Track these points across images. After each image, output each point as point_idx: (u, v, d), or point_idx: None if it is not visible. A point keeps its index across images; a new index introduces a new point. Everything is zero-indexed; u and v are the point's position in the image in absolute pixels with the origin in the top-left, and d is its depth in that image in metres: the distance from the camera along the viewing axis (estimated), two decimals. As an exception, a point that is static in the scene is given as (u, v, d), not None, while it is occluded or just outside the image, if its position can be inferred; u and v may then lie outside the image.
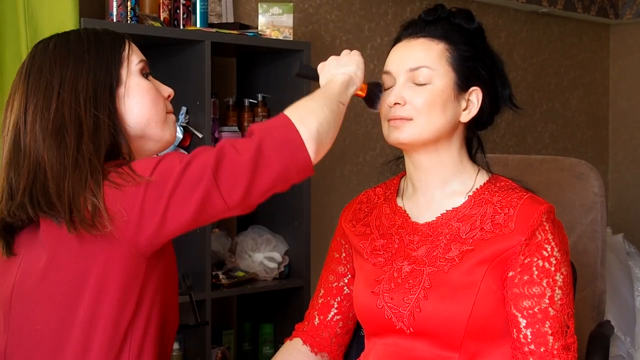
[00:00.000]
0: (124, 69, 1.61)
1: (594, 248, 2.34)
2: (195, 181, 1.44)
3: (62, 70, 1.55)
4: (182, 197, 1.45)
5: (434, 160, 1.73)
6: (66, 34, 1.63)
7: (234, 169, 1.44)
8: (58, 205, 1.47)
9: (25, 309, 1.54)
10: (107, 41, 1.61)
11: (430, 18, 1.74)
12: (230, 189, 1.44)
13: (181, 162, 1.46)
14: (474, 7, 4.36)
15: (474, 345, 1.63)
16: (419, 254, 1.70)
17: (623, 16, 5.24)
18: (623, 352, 3.38)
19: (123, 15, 2.74)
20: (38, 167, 1.51)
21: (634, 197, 5.25)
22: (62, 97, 1.53)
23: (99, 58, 1.58)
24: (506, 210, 1.67)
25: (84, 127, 1.52)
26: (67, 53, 1.57)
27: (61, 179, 1.49)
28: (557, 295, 1.62)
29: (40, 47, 1.61)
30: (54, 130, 1.51)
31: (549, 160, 2.54)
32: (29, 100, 1.54)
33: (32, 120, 1.53)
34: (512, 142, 4.71)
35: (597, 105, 5.30)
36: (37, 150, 1.51)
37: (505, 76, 1.78)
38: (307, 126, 1.47)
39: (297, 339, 1.87)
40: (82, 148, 1.50)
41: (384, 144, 1.61)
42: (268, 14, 3.13)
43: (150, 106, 1.62)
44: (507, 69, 1.81)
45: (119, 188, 1.47)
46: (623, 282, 3.62)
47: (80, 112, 1.53)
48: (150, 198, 1.45)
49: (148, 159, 1.54)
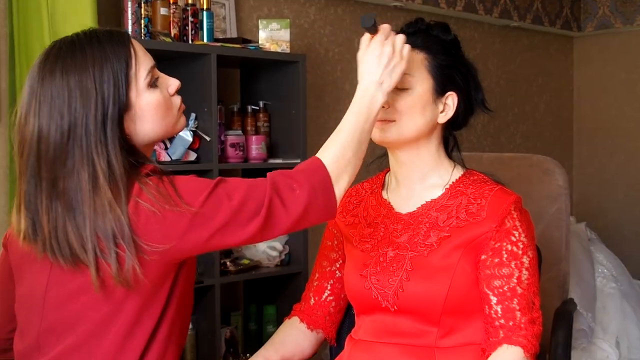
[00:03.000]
0: (133, 90, 1.45)
1: (559, 235, 2.34)
2: (244, 222, 1.39)
3: (70, 106, 1.39)
4: (226, 235, 1.40)
5: (414, 157, 1.73)
6: (71, 52, 1.43)
7: (279, 227, 1.42)
8: (84, 258, 1.38)
9: (60, 307, 1.45)
10: (112, 56, 1.43)
11: (411, 30, 1.74)
12: (269, 236, 1.44)
13: (230, 200, 1.39)
14: (453, 22, 4.36)
15: (450, 321, 1.63)
16: (401, 240, 1.70)
17: (585, 29, 5.25)
18: (585, 326, 3.38)
19: (137, 32, 2.75)
20: (59, 206, 1.39)
21: (595, 190, 5.26)
22: (73, 136, 1.39)
23: (106, 86, 1.41)
24: (479, 200, 1.67)
25: (98, 171, 1.38)
26: (75, 84, 1.40)
27: (83, 227, 1.37)
28: (524, 275, 1.62)
29: (46, 70, 1.42)
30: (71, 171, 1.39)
31: (519, 157, 2.54)
32: (42, 130, 1.40)
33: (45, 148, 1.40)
34: (488, 142, 4.72)
35: (562, 108, 5.31)
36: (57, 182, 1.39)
37: (478, 82, 1.78)
38: (339, 186, 1.47)
39: (295, 318, 1.87)
40: (101, 193, 1.37)
41: (371, 143, 1.61)
42: (268, 30, 3.14)
43: (161, 120, 1.50)
44: (482, 76, 1.81)
45: (160, 212, 1.36)
46: (585, 264, 3.63)
47: (94, 155, 1.39)
48: (195, 228, 1.38)
49: (195, 183, 1.42)
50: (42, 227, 1.40)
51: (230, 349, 3.02)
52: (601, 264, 3.76)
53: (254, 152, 3.08)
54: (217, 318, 2.89)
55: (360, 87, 1.56)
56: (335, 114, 3.76)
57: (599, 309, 3.56)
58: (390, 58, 1.56)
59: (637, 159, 5.07)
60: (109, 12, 2.88)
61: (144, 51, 1.50)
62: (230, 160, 3.00)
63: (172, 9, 2.86)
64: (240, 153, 3.01)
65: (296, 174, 1.45)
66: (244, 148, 3.03)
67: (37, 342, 1.47)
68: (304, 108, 3.15)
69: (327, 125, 3.72)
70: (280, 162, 3.12)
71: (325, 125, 3.71)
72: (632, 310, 3.64)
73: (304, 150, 3.14)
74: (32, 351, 1.48)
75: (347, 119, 1.52)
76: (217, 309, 2.88)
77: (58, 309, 1.45)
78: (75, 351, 1.44)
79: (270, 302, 3.27)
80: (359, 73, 1.58)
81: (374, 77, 1.54)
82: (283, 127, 3.20)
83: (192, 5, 2.95)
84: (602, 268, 3.75)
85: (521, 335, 1.58)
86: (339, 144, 1.49)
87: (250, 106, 3.19)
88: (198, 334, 2.96)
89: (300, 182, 1.43)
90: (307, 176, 1.44)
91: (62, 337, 1.45)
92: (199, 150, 2.89)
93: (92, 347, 1.43)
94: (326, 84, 3.75)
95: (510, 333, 1.59)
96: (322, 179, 1.44)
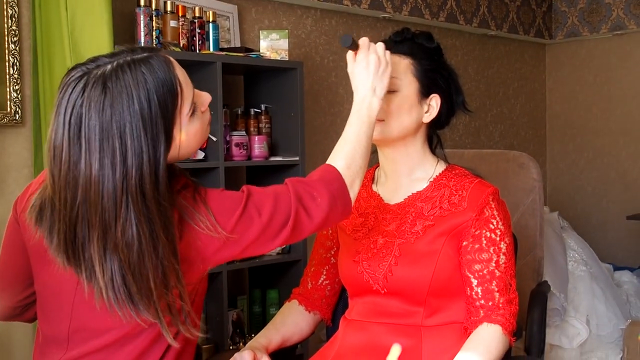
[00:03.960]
0: (177, 126, 1.32)
1: (534, 223, 2.33)
2: (273, 235, 1.37)
3: (122, 157, 1.24)
4: (257, 248, 1.38)
5: (402, 153, 1.72)
6: (118, 89, 1.25)
7: (304, 234, 1.41)
8: (149, 317, 1.29)
9: (88, 314, 1.37)
10: (161, 95, 1.28)
11: (398, 39, 1.73)
12: (295, 241, 1.42)
13: (260, 216, 1.35)
14: (436, 31, 4.35)
15: (435, 301, 1.63)
16: (390, 229, 1.69)
17: (556, 37, 5.24)
18: (558, 305, 3.38)
19: (149, 42, 2.74)
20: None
21: (567, 182, 5.25)
22: (127, 189, 1.25)
23: (156, 132, 1.27)
24: (460, 192, 1.67)
25: (156, 224, 1.26)
26: (125, 130, 1.25)
27: (140, 277, 1.26)
28: (501, 259, 1.62)
29: (92, 107, 1.25)
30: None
31: (497, 153, 2.54)
32: (92, 176, 1.25)
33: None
34: (469, 140, 4.71)
35: (536, 109, 5.30)
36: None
37: (459, 85, 1.77)
38: (354, 190, 1.47)
39: (294, 301, 1.87)
40: (159, 246, 1.26)
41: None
42: (268, 39, 3.12)
43: (197, 143, 1.40)
44: (463, 81, 1.80)
45: (196, 235, 1.31)
46: (558, 250, 3.62)
47: (151, 207, 1.26)
48: (228, 247, 1.34)
49: (228, 202, 1.35)
50: (96, 278, 1.27)
51: (237, 329, 3.01)
52: (572, 249, 3.75)
53: (256, 151, 3.07)
54: (225, 302, 2.88)
55: (356, 98, 1.56)
56: (331, 116, 3.75)
57: (571, 290, 3.56)
58: (377, 65, 1.56)
59: (603, 155, 5.07)
60: (123, 24, 2.87)
61: (185, 78, 1.36)
62: (235, 159, 2.99)
63: (181, 21, 2.85)
64: (244, 152, 3.01)
65: (316, 183, 1.42)
66: (247, 147, 3.03)
67: (67, 338, 1.41)
68: (301, 110, 3.15)
69: (323, 126, 3.71)
70: (280, 160, 3.11)
71: (322, 126, 3.70)
72: (600, 291, 3.63)
73: (303, 148, 3.13)
74: (62, 342, 1.42)
75: (351, 128, 1.51)
76: (225, 293, 2.87)
77: (87, 314, 1.37)
78: (98, 353, 1.39)
79: (273, 286, 3.26)
80: (353, 87, 1.58)
81: (367, 85, 1.54)
82: (283, 128, 3.19)
83: (199, 18, 2.94)
84: (574, 253, 3.74)
85: (499, 315, 1.58)
86: (349, 152, 1.48)
87: (252, 109, 3.18)
88: (207, 317, 2.95)
89: (321, 191, 1.41)
90: (326, 185, 1.42)
91: (88, 340, 1.39)
92: (206, 150, 2.88)
93: (114, 353, 1.39)
94: (322, 88, 3.73)
95: (489, 312, 1.59)
96: (339, 186, 1.43)
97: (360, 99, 1.54)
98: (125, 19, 2.90)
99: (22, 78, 2.66)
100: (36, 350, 1.50)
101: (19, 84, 2.64)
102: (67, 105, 1.27)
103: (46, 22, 2.58)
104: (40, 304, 1.48)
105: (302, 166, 3.13)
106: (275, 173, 3.17)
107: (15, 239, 1.47)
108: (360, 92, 1.55)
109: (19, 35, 2.64)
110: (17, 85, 2.63)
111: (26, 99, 2.67)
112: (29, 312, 1.57)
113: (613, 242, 4.97)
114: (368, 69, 1.56)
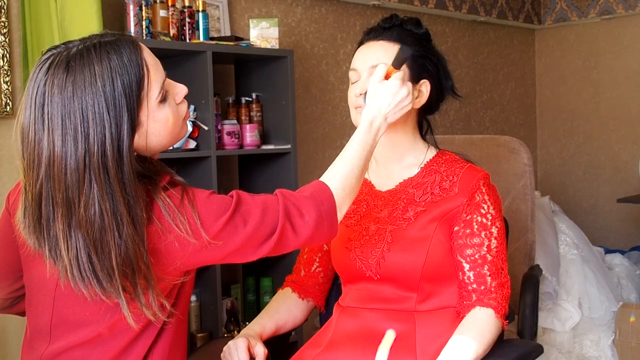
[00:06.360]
0: (144, 110, 1.31)
1: (525, 207, 2.34)
2: (256, 246, 1.35)
3: (84, 133, 1.24)
4: (238, 256, 1.36)
5: (392, 139, 1.72)
6: (81, 67, 1.26)
7: (287, 249, 1.39)
8: (112, 296, 1.28)
9: (68, 307, 1.37)
10: (125, 76, 1.27)
11: (387, 25, 1.73)
12: (276, 254, 1.39)
13: (245, 226, 1.33)
14: (425, 18, 4.33)
15: (428, 287, 1.63)
16: (382, 215, 1.69)
17: (545, 22, 5.23)
18: (550, 289, 3.39)
19: (139, 32, 2.72)
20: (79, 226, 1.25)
21: (557, 167, 5.26)
22: (90, 165, 1.24)
23: (119, 111, 1.26)
24: (451, 177, 1.67)
25: (119, 201, 1.25)
26: (87, 107, 1.24)
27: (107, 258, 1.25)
28: (493, 244, 1.62)
29: (55, 85, 1.25)
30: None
31: (488, 138, 2.54)
32: (55, 154, 1.25)
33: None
34: (460, 126, 4.71)
35: (526, 95, 5.30)
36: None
37: (448, 71, 1.76)
38: (342, 212, 1.45)
39: (287, 288, 1.87)
40: (123, 223, 1.25)
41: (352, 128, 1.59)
42: (258, 28, 3.10)
43: (168, 135, 1.37)
44: (453, 67, 1.80)
45: (178, 240, 1.29)
46: (549, 234, 3.63)
47: (113, 184, 1.25)
48: (209, 251, 1.32)
49: (215, 206, 1.32)
50: (61, 256, 1.27)
51: (231, 318, 3.01)
52: (564, 233, 3.76)
53: (248, 139, 3.06)
54: (219, 290, 2.87)
55: (368, 113, 1.55)
56: (322, 104, 3.74)
57: (563, 274, 3.57)
58: (403, 100, 1.57)
59: (593, 139, 5.07)
60: (112, 15, 2.85)
61: (154, 62, 1.35)
62: (226, 147, 2.98)
63: (171, 10, 2.83)
64: (236, 140, 3.00)
65: (306, 201, 1.40)
66: (239, 136, 3.02)
67: (50, 331, 1.41)
68: (292, 99, 3.14)
69: (314, 114, 3.70)
70: (272, 148, 3.10)
71: (313, 114, 3.69)
72: (592, 274, 3.64)
73: (294, 136, 3.12)
74: (45, 335, 1.42)
75: (354, 147, 1.51)
76: (218, 282, 2.86)
77: (67, 308, 1.37)
78: (79, 348, 1.38)
79: (266, 274, 3.25)
80: (370, 97, 1.57)
81: (383, 110, 1.55)
82: (274, 116, 3.18)
83: (189, 7, 2.92)
84: (565, 236, 3.75)
85: (492, 298, 1.58)
86: (345, 174, 1.47)
87: (244, 98, 3.17)
88: (202, 305, 2.94)
89: (310, 209, 1.39)
90: (316, 204, 1.40)
91: (68, 334, 1.38)
92: (198, 139, 2.87)
93: (96, 349, 1.38)
94: (312, 76, 3.72)
95: (482, 296, 1.59)
96: (329, 207, 1.42)
97: (371, 120, 1.54)
98: (115, 9, 2.88)
99: (12, 70, 2.64)
100: (25, 343, 1.50)
101: (9, 75, 2.62)
102: (33, 86, 1.28)
103: (35, 13, 2.56)
104: (27, 297, 1.47)
105: (294, 154, 3.12)
106: (267, 161, 3.16)
107: (7, 232, 1.46)
108: (374, 111, 1.55)
109: (8, 27, 2.62)
110: (7, 77, 2.62)
111: (17, 90, 2.65)
112: (19, 305, 1.57)
113: (604, 226, 4.99)
114: (395, 96, 1.56)
